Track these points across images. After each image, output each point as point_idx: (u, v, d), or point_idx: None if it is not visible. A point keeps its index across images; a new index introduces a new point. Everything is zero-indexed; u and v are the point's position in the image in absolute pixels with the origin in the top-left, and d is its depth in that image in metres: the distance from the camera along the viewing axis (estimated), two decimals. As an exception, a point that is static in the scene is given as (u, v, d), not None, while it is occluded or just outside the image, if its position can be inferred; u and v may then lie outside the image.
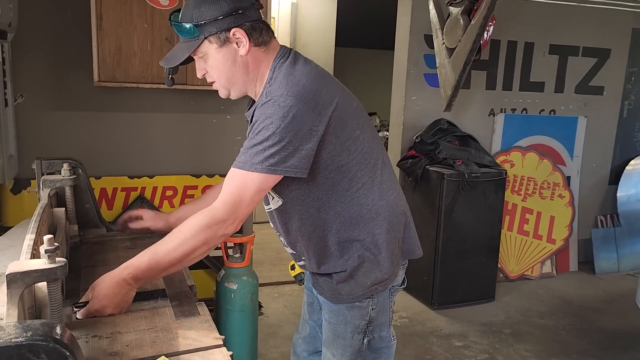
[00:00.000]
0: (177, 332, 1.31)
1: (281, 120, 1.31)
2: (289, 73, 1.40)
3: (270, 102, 1.34)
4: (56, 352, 0.70)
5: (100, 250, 1.80)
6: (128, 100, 3.13)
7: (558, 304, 3.99)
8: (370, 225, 1.50)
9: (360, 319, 1.55)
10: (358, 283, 1.52)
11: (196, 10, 1.38)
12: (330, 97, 1.42)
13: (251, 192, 1.36)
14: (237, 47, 1.41)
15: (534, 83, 4.39)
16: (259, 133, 1.32)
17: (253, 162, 1.33)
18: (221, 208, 1.37)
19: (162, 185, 3.32)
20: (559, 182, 4.48)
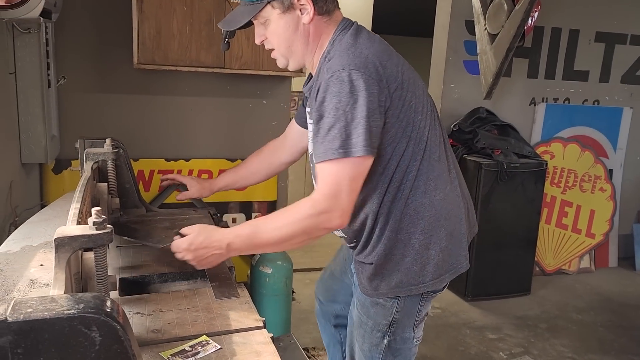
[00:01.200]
0: (217, 312, 1.31)
1: (348, 96, 1.23)
2: (350, 45, 1.31)
3: (332, 77, 1.25)
4: (107, 326, 0.70)
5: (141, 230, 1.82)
6: (166, 83, 3.15)
7: (596, 299, 3.88)
8: (406, 222, 1.40)
9: (382, 317, 1.48)
10: (383, 280, 1.45)
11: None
12: (395, 74, 1.32)
13: (345, 179, 1.26)
14: (301, 14, 1.35)
15: (577, 72, 4.25)
16: (329, 115, 1.25)
17: (334, 149, 1.24)
18: (321, 199, 1.27)
19: (198, 168, 3.34)
20: (600, 175, 4.33)
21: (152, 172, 3.25)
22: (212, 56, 2.97)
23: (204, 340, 1.18)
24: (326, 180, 1.27)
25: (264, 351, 1.17)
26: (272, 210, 3.54)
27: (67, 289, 0.88)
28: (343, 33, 1.37)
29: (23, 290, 1.00)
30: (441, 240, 1.43)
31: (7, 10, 1.85)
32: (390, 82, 1.30)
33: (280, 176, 3.50)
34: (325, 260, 4.43)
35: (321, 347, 2.94)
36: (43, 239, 1.25)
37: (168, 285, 1.47)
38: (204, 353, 1.14)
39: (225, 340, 1.19)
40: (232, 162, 3.38)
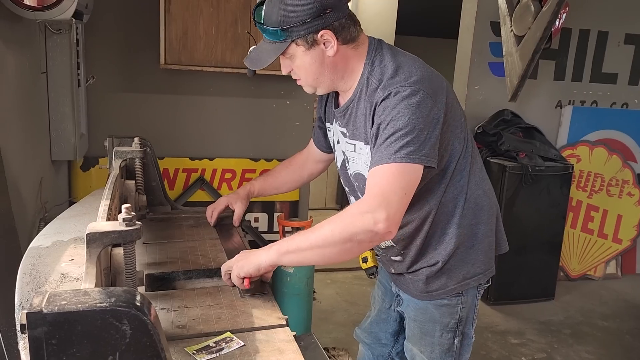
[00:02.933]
0: (241, 309, 1.33)
1: (407, 109, 1.26)
2: (396, 66, 1.34)
3: (391, 95, 1.29)
4: (137, 319, 0.72)
5: (166, 227, 1.85)
6: (192, 83, 3.19)
7: (622, 306, 3.81)
8: (469, 215, 1.47)
9: (449, 317, 1.52)
10: (450, 277, 1.48)
11: (282, 11, 1.31)
12: (440, 83, 1.38)
13: (396, 184, 1.24)
14: (325, 48, 1.35)
15: (606, 74, 4.17)
16: (388, 126, 1.27)
17: (390, 154, 1.24)
18: (367, 198, 1.25)
19: (222, 167, 3.38)
20: (628, 179, 4.25)
21: (176, 171, 3.30)
22: (237, 57, 3.00)
23: (227, 336, 1.20)
24: (378, 182, 1.26)
25: (286, 349, 1.19)
26: (294, 210, 3.56)
27: (98, 283, 0.91)
28: (378, 53, 1.39)
29: (55, 283, 1.03)
30: (493, 224, 1.54)
31: (41, 11, 1.90)
32: (439, 94, 1.34)
33: (303, 176, 3.52)
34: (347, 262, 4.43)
35: (341, 347, 2.95)
36: (73, 235, 1.28)
37: (193, 282, 1.50)
38: (227, 349, 1.15)
39: (249, 337, 1.21)
40: (255, 162, 3.41)
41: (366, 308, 3.49)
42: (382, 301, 1.82)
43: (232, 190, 3.39)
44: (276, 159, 3.44)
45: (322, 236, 1.26)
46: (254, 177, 3.41)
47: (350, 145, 1.47)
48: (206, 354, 1.13)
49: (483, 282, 1.55)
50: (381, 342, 1.86)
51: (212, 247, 1.71)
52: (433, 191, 1.43)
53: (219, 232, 1.85)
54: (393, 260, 1.58)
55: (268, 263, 1.35)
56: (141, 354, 0.73)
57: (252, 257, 1.36)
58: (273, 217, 3.53)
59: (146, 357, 0.74)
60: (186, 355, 1.12)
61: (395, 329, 1.80)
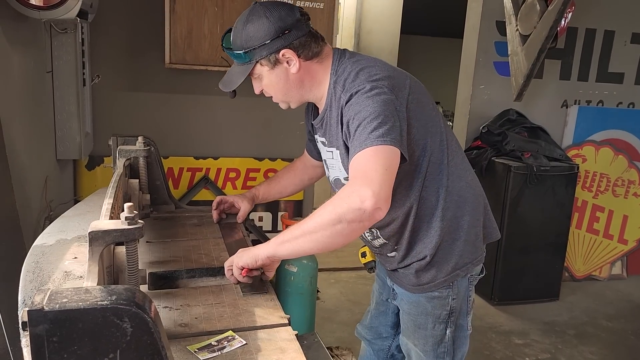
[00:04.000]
0: (243, 308, 1.33)
1: (369, 99, 1.31)
2: (356, 69, 1.39)
3: (354, 95, 1.34)
4: (138, 317, 0.72)
5: (170, 226, 1.86)
6: (197, 82, 3.20)
7: (627, 307, 3.79)
8: (452, 207, 1.50)
9: (441, 309, 1.57)
10: (439, 269, 1.52)
11: (244, 35, 1.40)
12: (402, 81, 1.42)
13: (375, 163, 1.25)
14: (288, 66, 1.42)
15: (612, 74, 4.15)
16: (355, 119, 1.31)
17: (362, 140, 1.28)
18: (353, 180, 1.27)
19: (226, 167, 3.39)
20: (634, 179, 4.22)
21: (181, 170, 3.31)
22: (242, 56, 3.00)
23: (230, 335, 1.20)
24: (359, 166, 1.28)
25: (288, 348, 1.19)
26: (298, 209, 3.56)
27: (100, 281, 0.91)
28: (341, 62, 1.44)
29: (58, 281, 1.04)
30: (480, 214, 1.59)
31: (46, 11, 1.91)
32: (401, 89, 1.39)
33: (307, 176, 3.53)
34: (350, 261, 4.44)
35: (345, 346, 2.95)
36: (77, 233, 1.29)
37: (195, 280, 1.50)
38: (229, 348, 1.16)
39: (251, 336, 1.21)
40: (259, 161, 3.42)
41: (370, 308, 3.50)
42: (379, 294, 1.87)
43: (237, 190, 3.41)
44: (280, 158, 3.45)
45: (313, 222, 1.28)
46: (258, 176, 3.42)
47: (329, 152, 1.54)
48: (208, 353, 1.13)
49: (475, 273, 1.59)
50: (382, 336, 1.89)
51: (215, 246, 1.72)
52: (411, 186, 1.46)
53: (222, 230, 1.86)
54: (388, 256, 1.62)
55: (265, 254, 1.37)
56: (142, 352, 0.74)
57: (251, 249, 1.40)
58: (277, 217, 3.53)
59: (147, 355, 0.74)
60: (188, 353, 1.12)
61: (394, 320, 1.84)
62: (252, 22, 1.39)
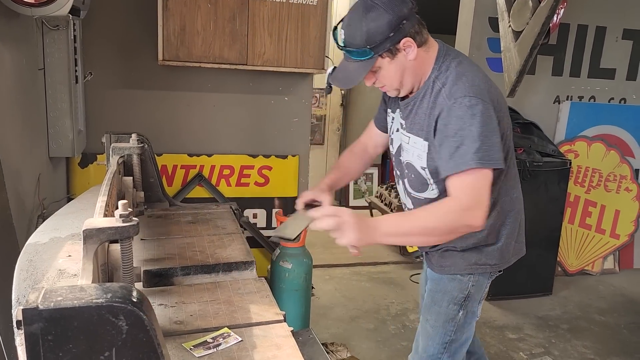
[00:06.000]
0: (238, 305, 1.34)
1: (472, 118, 1.39)
2: (460, 73, 1.47)
3: (456, 104, 1.42)
4: (134, 315, 0.72)
5: (164, 224, 1.86)
6: (190, 79, 3.19)
7: (620, 301, 3.82)
8: (494, 216, 1.60)
9: (458, 291, 1.68)
10: (463, 258, 1.65)
11: (365, 31, 1.42)
12: (496, 94, 1.52)
13: (485, 185, 1.41)
14: (406, 54, 1.48)
15: (604, 70, 4.17)
16: (457, 135, 1.41)
17: (466, 161, 1.39)
18: (465, 198, 1.40)
19: (220, 164, 3.38)
20: (626, 174, 4.25)
21: (175, 167, 3.30)
22: (235, 53, 3.00)
23: (225, 332, 1.21)
24: (468, 186, 1.41)
25: (284, 344, 1.19)
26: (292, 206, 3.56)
27: (95, 279, 0.91)
28: (446, 59, 1.52)
29: (52, 280, 1.03)
30: (515, 231, 1.71)
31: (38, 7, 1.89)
32: (495, 103, 1.47)
33: (301, 172, 3.53)
34: (344, 257, 4.45)
35: (340, 342, 2.96)
36: (71, 231, 1.29)
37: (190, 278, 1.50)
38: (225, 345, 1.16)
39: (246, 332, 1.22)
40: (253, 158, 3.41)
41: (365, 303, 3.52)
42: (424, 283, 1.97)
43: (231, 187, 3.40)
44: (274, 155, 3.44)
45: (431, 228, 1.42)
46: (252, 173, 3.41)
47: (405, 137, 1.62)
48: (203, 350, 1.13)
49: (493, 272, 1.72)
50: None
51: (210, 243, 1.72)
52: None
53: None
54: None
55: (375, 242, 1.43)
56: (137, 350, 0.74)
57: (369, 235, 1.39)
58: (272, 214, 3.53)
59: (142, 352, 0.74)
60: (184, 350, 1.12)
61: None
62: (371, 17, 1.41)
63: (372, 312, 3.41)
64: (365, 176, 5.95)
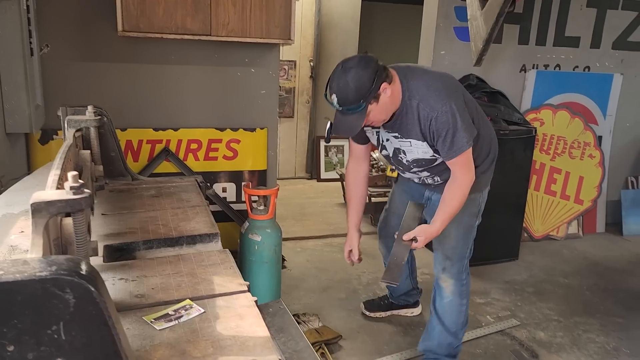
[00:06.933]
0: (201, 277, 1.33)
1: (453, 118, 1.94)
2: (425, 86, 1.97)
3: (439, 114, 1.93)
4: (81, 287, 0.70)
5: (126, 198, 1.82)
6: (152, 51, 3.10)
7: (583, 264, 3.94)
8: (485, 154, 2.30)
9: (473, 207, 2.30)
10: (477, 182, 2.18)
11: (353, 87, 1.83)
12: (450, 80, 2.08)
13: (470, 160, 2.05)
14: (385, 94, 1.91)
15: (569, 38, 4.21)
16: (448, 133, 1.95)
17: (462, 145, 1.98)
18: (470, 172, 2.07)
19: (187, 138, 3.32)
20: (589, 141, 4.35)
21: (140, 142, 3.23)
22: (198, 23, 2.92)
23: (187, 304, 1.20)
24: (466, 163, 2.04)
25: (247, 314, 1.19)
26: (262, 179, 3.53)
27: (46, 254, 0.88)
28: (408, 81, 1.98)
29: (2, 256, 1.00)
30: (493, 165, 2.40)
31: (-17, -25, 1.80)
32: (454, 89, 2.04)
33: (270, 145, 3.50)
34: (315, 229, 4.47)
35: (312, 312, 2.99)
36: (24, 207, 1.25)
37: (153, 251, 1.48)
38: (187, 317, 1.15)
39: (209, 304, 1.21)
40: (221, 132, 3.36)
41: (336, 274, 3.55)
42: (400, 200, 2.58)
43: (199, 161, 3.36)
44: (242, 128, 3.40)
45: (459, 205, 2.09)
46: (220, 146, 3.37)
47: (405, 142, 2.10)
48: (165, 322, 1.12)
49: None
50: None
51: (174, 216, 1.70)
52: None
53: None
54: (428, 183, 2.34)
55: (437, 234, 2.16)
56: (87, 323, 0.72)
57: (429, 233, 2.13)
58: (241, 187, 3.50)
59: (93, 326, 0.73)
60: (144, 324, 1.11)
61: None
62: (353, 78, 1.83)
63: (344, 282, 3.45)
64: (336, 148, 5.95)
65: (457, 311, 2.43)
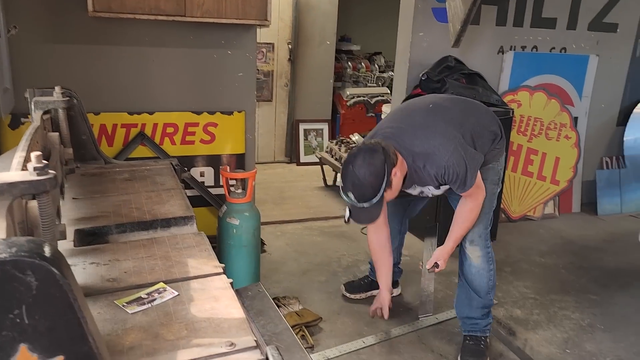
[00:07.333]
0: (176, 260, 1.31)
1: (460, 166, 2.11)
2: (424, 149, 2.13)
3: (445, 171, 2.11)
4: (43, 270, 0.68)
5: (99, 182, 1.78)
6: (125, 32, 3.03)
7: (559, 243, 4.01)
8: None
9: (494, 175, 2.45)
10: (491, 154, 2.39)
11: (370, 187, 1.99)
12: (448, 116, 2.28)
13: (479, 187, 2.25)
14: (396, 177, 2.07)
15: (546, 19, 4.23)
16: (459, 177, 2.13)
17: (472, 182, 2.17)
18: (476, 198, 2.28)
19: (163, 122, 3.27)
20: (566, 122, 4.39)
21: (115, 126, 3.17)
22: (172, 3, 2.85)
23: (160, 287, 1.18)
24: (475, 191, 2.23)
25: (222, 296, 1.18)
26: (240, 163, 3.50)
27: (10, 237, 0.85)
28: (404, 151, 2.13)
29: (-35, 240, 0.97)
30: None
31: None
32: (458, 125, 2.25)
33: (248, 128, 3.46)
34: (295, 213, 4.47)
35: (292, 295, 2.99)
36: (-11, 191, 1.21)
37: (126, 235, 1.45)
38: (160, 300, 1.13)
39: (183, 287, 1.19)
40: (198, 115, 3.31)
41: (316, 257, 3.55)
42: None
43: (175, 146, 3.31)
44: (219, 111, 3.35)
45: (469, 226, 2.36)
46: (197, 130, 3.32)
47: (424, 188, 2.31)
48: (137, 306, 1.11)
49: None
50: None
51: (148, 199, 1.66)
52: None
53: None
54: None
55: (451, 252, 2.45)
56: (51, 307, 0.70)
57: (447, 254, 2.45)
58: (219, 171, 3.47)
59: (57, 309, 0.70)
60: (116, 307, 1.09)
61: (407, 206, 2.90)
62: (366, 176, 1.99)
63: (324, 265, 3.45)
64: (315, 132, 5.93)
65: (486, 277, 2.54)
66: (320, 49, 5.82)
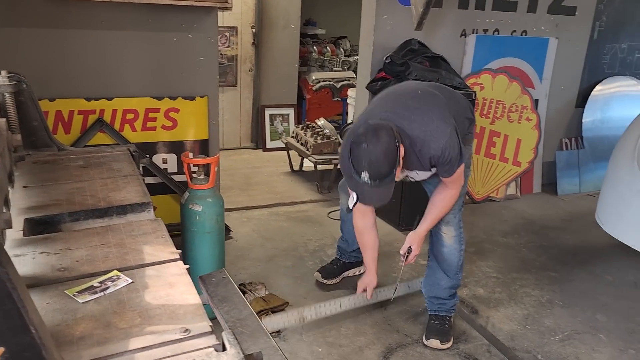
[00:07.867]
0: (131, 247, 1.28)
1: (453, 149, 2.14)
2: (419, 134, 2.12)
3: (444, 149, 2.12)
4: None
5: (51, 169, 1.73)
6: (79, 15, 2.92)
7: (521, 223, 4.10)
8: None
9: (468, 158, 2.52)
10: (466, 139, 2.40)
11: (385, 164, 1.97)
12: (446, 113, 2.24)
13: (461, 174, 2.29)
14: (402, 154, 2.05)
15: (506, 2, 4.27)
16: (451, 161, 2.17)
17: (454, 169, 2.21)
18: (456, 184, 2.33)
19: (122, 107, 3.18)
20: (527, 105, 4.47)
21: (71, 113, 3.07)
22: (128, -15, 2.77)
23: (114, 275, 1.15)
24: (456, 178, 2.28)
25: (178, 282, 1.16)
26: (204, 149, 3.44)
27: (-54, 226, 0.82)
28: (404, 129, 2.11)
29: None
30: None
31: None
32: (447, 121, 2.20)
33: (211, 114, 3.40)
34: (261, 199, 4.44)
35: (258, 281, 2.98)
36: None
37: (80, 223, 1.41)
38: (114, 288, 1.11)
39: (138, 274, 1.17)
40: (159, 101, 3.24)
41: (283, 242, 3.54)
42: None
43: (136, 132, 3.23)
44: (181, 96, 3.29)
45: (446, 210, 2.41)
46: (158, 116, 3.25)
47: (412, 172, 2.31)
48: (89, 295, 1.08)
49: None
50: None
51: (103, 186, 1.62)
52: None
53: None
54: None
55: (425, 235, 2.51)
56: (-13, 296, 0.67)
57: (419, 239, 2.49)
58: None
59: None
60: (66, 297, 1.06)
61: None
62: (382, 151, 1.96)
63: (290, 250, 3.45)
64: (281, 117, 5.88)
65: (457, 257, 2.62)
66: (285, 33, 5.76)
